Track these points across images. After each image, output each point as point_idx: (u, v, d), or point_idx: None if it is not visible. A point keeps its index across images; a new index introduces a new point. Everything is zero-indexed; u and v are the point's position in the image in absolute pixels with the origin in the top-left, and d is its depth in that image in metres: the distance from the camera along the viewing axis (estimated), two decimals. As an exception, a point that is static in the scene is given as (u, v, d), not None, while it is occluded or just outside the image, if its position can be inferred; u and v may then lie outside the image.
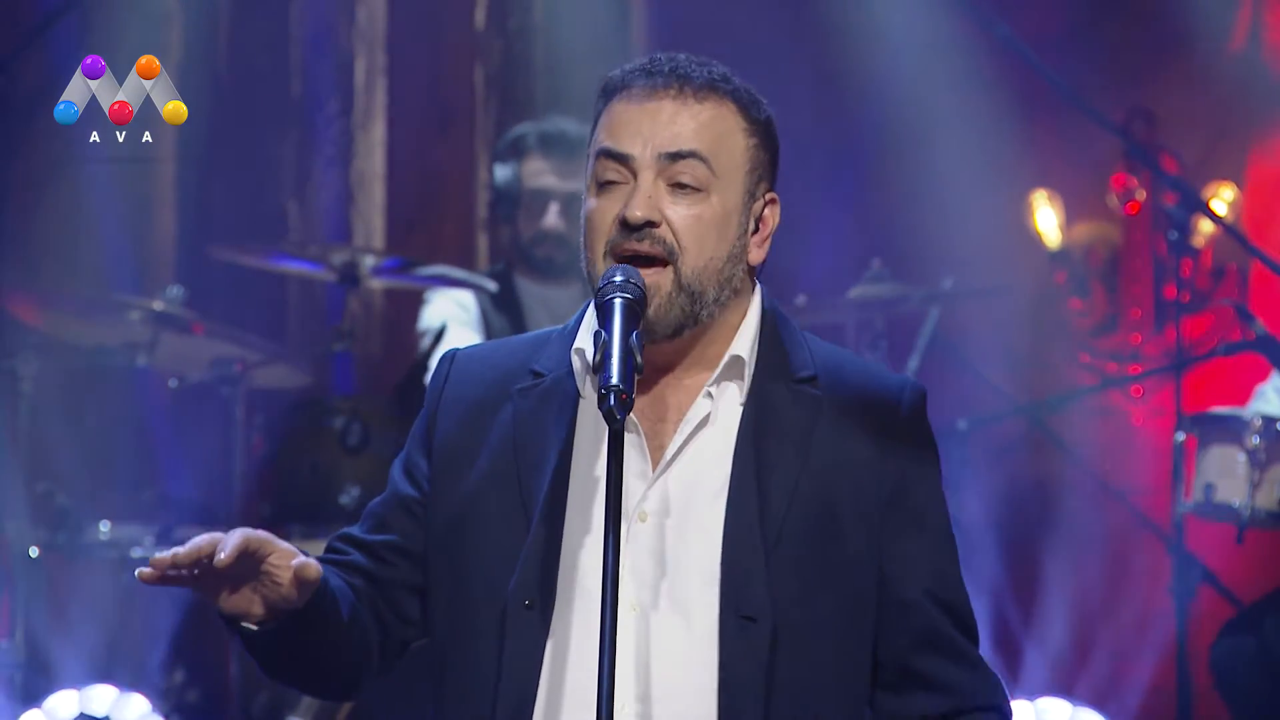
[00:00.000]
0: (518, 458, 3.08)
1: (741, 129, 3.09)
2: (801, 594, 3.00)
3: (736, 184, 3.08)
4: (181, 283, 6.73)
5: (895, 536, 3.07)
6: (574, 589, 3.01)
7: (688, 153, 3.04)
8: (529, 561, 3.02)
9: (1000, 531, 7.22)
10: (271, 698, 6.55)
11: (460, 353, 3.24)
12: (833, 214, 7.79)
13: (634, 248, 3.02)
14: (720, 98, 3.09)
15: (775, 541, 3.00)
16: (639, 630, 2.99)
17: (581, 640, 2.98)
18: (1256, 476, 5.86)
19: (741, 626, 2.97)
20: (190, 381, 6.56)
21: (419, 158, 8.35)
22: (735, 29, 7.80)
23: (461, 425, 3.15)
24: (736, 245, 3.08)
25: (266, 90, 8.16)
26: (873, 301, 6.72)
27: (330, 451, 6.23)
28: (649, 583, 3.01)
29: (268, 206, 8.17)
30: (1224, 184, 7.82)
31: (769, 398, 3.08)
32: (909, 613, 3.06)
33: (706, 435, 3.07)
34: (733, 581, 2.99)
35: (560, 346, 3.15)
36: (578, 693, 2.97)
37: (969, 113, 7.52)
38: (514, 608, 3.01)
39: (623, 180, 3.05)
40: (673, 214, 3.03)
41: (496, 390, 3.15)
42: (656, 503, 3.04)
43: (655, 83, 3.08)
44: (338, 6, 8.29)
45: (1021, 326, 7.81)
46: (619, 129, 3.07)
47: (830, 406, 3.09)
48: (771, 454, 3.05)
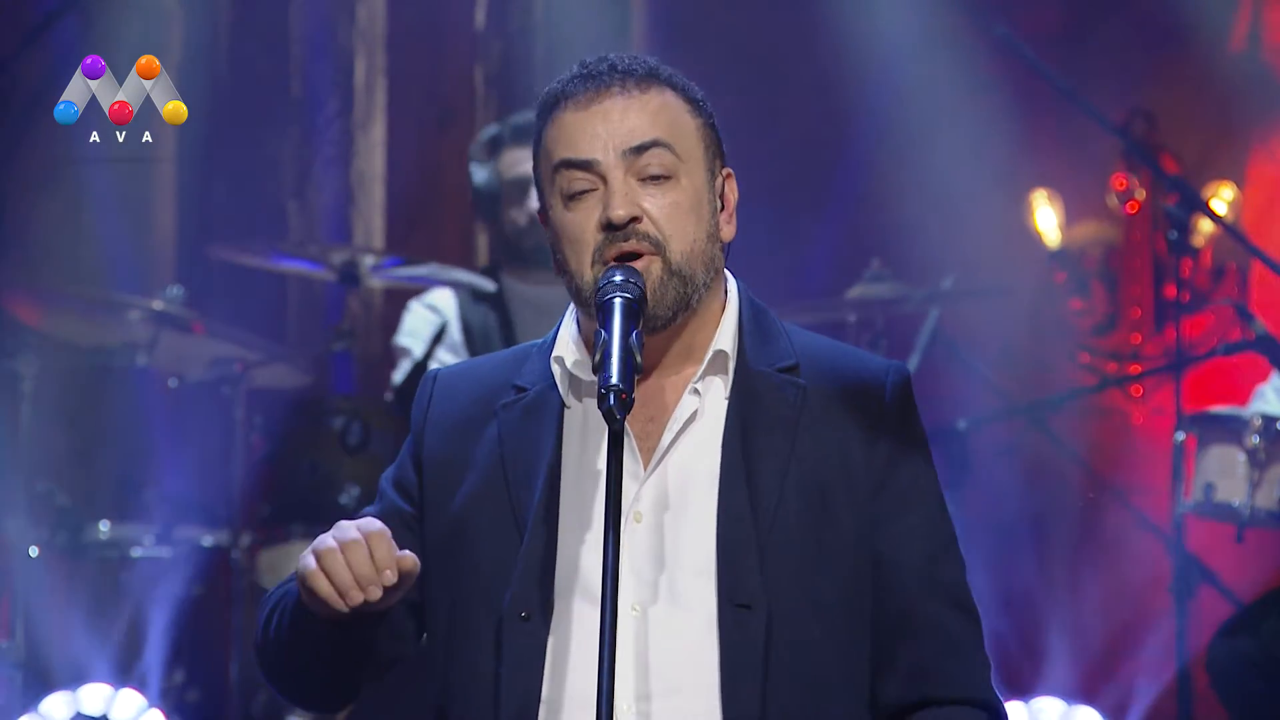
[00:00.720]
0: (507, 472, 3.09)
1: (687, 110, 3.10)
2: (797, 580, 3.00)
3: (699, 164, 3.08)
4: (181, 282, 6.73)
5: (886, 519, 3.07)
6: (572, 596, 3.01)
7: (650, 143, 3.04)
8: (524, 574, 3.02)
9: (999, 531, 7.22)
10: (271, 697, 6.55)
11: (442, 373, 3.25)
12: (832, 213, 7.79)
13: (623, 248, 3.03)
14: (660, 85, 3.09)
15: (768, 529, 3.01)
16: (639, 630, 2.99)
17: (582, 647, 2.98)
18: (1256, 476, 5.86)
19: (737, 615, 2.97)
20: (190, 381, 6.56)
21: (419, 157, 8.36)
22: (735, 29, 7.80)
23: (448, 445, 3.15)
24: (711, 224, 3.08)
25: (266, 90, 8.16)
26: (872, 301, 6.72)
27: (330, 451, 6.24)
28: (648, 581, 3.01)
29: (267, 206, 8.17)
30: (1224, 183, 7.83)
31: (753, 389, 3.08)
32: (895, 596, 3.06)
33: (694, 431, 3.08)
34: (727, 571, 2.99)
35: (541, 359, 3.16)
36: (580, 699, 2.97)
37: (969, 112, 7.52)
38: (510, 621, 3.01)
39: (591, 187, 3.05)
40: (650, 206, 3.03)
41: (481, 408, 3.15)
42: (650, 502, 3.04)
43: (598, 84, 3.07)
44: (337, 6, 8.29)
45: (1021, 326, 7.81)
46: (574, 137, 3.06)
47: (814, 394, 3.09)
48: (759, 444, 3.05)
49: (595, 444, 3.07)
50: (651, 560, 3.02)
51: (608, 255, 3.03)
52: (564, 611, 3.01)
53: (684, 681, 2.98)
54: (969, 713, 3.06)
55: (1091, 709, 6.30)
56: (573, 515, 3.04)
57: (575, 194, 3.06)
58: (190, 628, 6.57)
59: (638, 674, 2.98)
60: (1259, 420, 5.86)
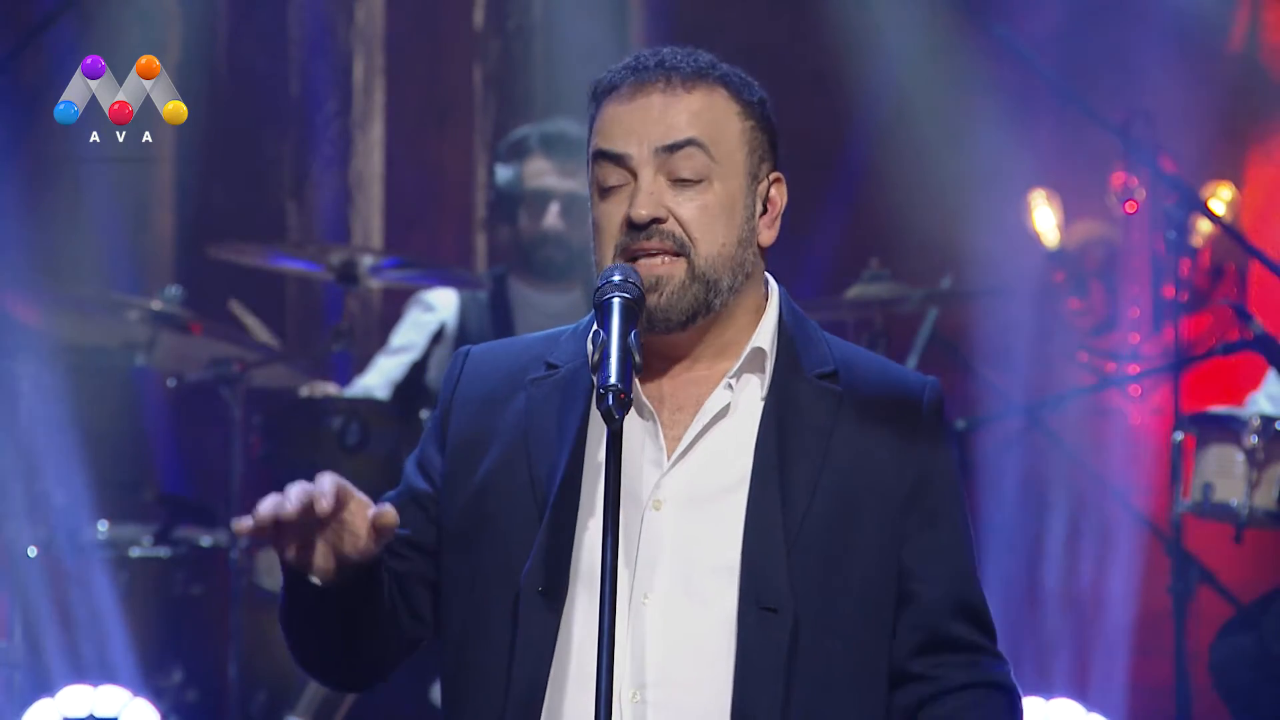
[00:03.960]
0: (530, 447, 3.08)
1: (735, 112, 3.08)
2: (822, 588, 3.00)
3: (737, 167, 3.06)
4: (180, 282, 6.73)
5: (913, 534, 3.06)
6: (585, 576, 3.01)
7: (684, 142, 3.03)
8: (541, 548, 3.01)
9: (998, 531, 7.22)
10: (270, 697, 6.55)
11: (474, 349, 3.23)
12: (831, 213, 7.79)
13: (643, 246, 3.01)
14: (710, 84, 3.07)
15: (796, 535, 3.00)
16: (651, 618, 2.99)
17: (592, 626, 2.95)
18: (1255, 476, 5.85)
19: (762, 618, 2.96)
20: (189, 381, 6.56)
21: (417, 157, 8.36)
22: (735, 29, 7.81)
23: (475, 419, 3.14)
24: (745, 229, 3.06)
25: (265, 90, 8.16)
26: (871, 301, 6.71)
27: (329, 451, 6.23)
28: (663, 571, 3.00)
29: (266, 206, 8.17)
30: (1222, 184, 7.83)
31: (790, 392, 3.07)
32: (921, 612, 3.06)
33: (725, 426, 3.07)
34: (753, 573, 2.98)
35: (575, 340, 3.15)
36: (587, 678, 2.96)
37: (968, 112, 7.52)
38: (527, 593, 3.00)
39: (623, 182, 3.04)
40: (678, 208, 3.02)
41: (510, 382, 3.14)
42: (671, 491, 3.03)
43: (642, 78, 3.06)
44: (336, 6, 8.29)
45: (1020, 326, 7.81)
46: (612, 130, 3.05)
47: (850, 403, 3.08)
48: (793, 448, 3.04)
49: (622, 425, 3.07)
50: (668, 550, 3.01)
51: (628, 251, 3.02)
52: (576, 591, 3.01)
53: (690, 675, 2.98)
54: (983, 692, 3.07)
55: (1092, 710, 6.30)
56: (591, 497, 3.03)
57: (608, 187, 3.05)
58: (189, 628, 6.57)
59: (641, 663, 2.98)
60: (1257, 420, 5.86)
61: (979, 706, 3.05)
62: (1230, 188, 7.82)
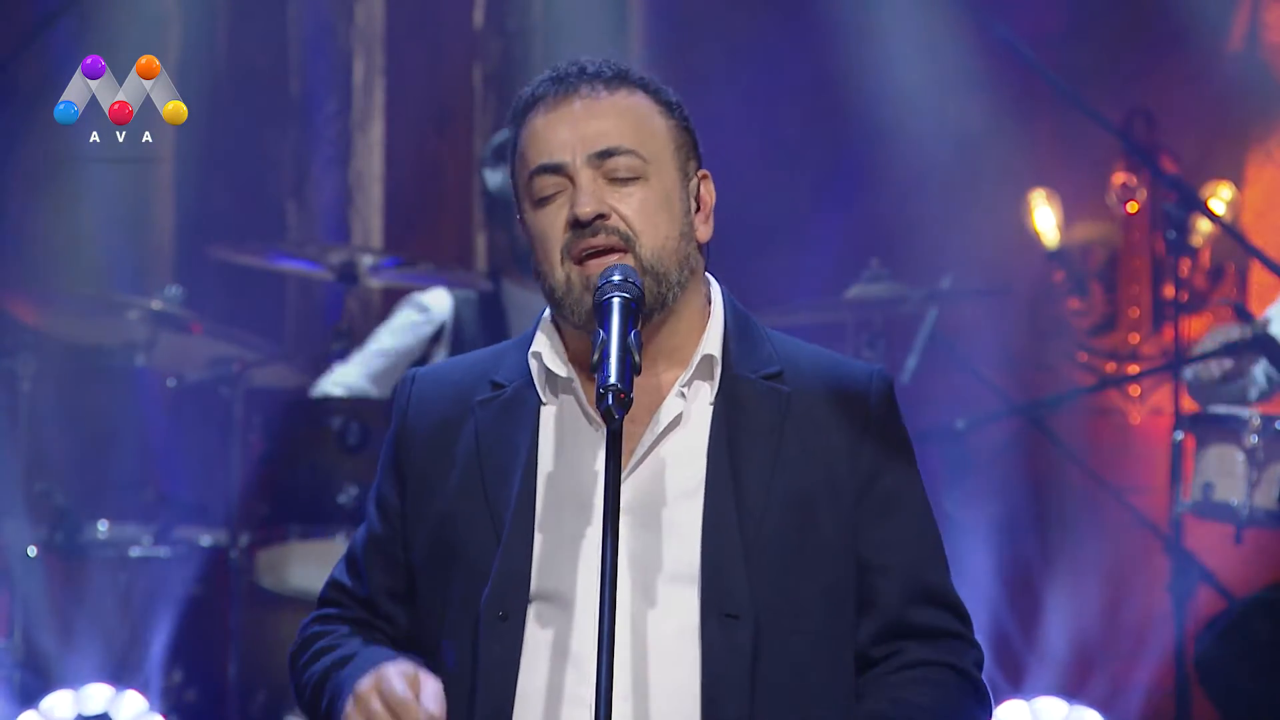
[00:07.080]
0: (484, 471, 3.09)
1: (657, 111, 3.11)
2: (782, 590, 3.01)
3: (668, 165, 3.09)
4: (180, 282, 6.73)
5: (870, 524, 3.08)
6: (546, 596, 3.02)
7: (614, 149, 3.05)
8: (500, 574, 3.02)
9: (998, 531, 7.22)
10: (270, 697, 6.55)
11: (419, 373, 3.25)
12: (831, 213, 7.79)
13: (590, 244, 3.03)
14: (630, 87, 3.11)
15: (754, 539, 3.01)
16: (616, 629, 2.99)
17: (556, 645, 2.99)
18: (1255, 476, 5.86)
19: (724, 624, 2.98)
20: (189, 381, 6.57)
21: (417, 157, 8.36)
22: (734, 29, 7.80)
23: (427, 445, 3.15)
24: (684, 223, 3.09)
25: (265, 90, 8.17)
26: (871, 301, 6.71)
27: (329, 451, 6.23)
28: (622, 581, 2.99)
29: (266, 206, 8.17)
30: (1222, 183, 7.83)
31: (738, 396, 3.09)
32: (881, 601, 3.07)
33: (678, 434, 3.08)
34: (713, 580, 2.99)
35: (518, 355, 3.16)
36: (555, 697, 2.98)
37: (968, 112, 7.53)
38: (488, 620, 3.02)
39: (560, 188, 3.07)
40: (619, 204, 3.04)
41: (458, 405, 3.15)
42: (627, 502, 3.03)
43: (565, 87, 3.10)
44: (336, 6, 8.29)
45: (1020, 326, 7.82)
46: (542, 142, 3.08)
47: (798, 401, 3.09)
48: (745, 452, 3.05)
49: (571, 441, 3.08)
50: (626, 561, 3.01)
51: (575, 251, 3.03)
52: (538, 611, 3.01)
53: (658, 685, 2.98)
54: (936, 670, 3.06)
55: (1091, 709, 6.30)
56: (549, 514, 3.04)
57: (546, 196, 3.07)
58: (189, 627, 6.57)
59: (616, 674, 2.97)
60: (1257, 420, 5.87)
61: (926, 681, 3.05)
62: (1230, 187, 7.82)
